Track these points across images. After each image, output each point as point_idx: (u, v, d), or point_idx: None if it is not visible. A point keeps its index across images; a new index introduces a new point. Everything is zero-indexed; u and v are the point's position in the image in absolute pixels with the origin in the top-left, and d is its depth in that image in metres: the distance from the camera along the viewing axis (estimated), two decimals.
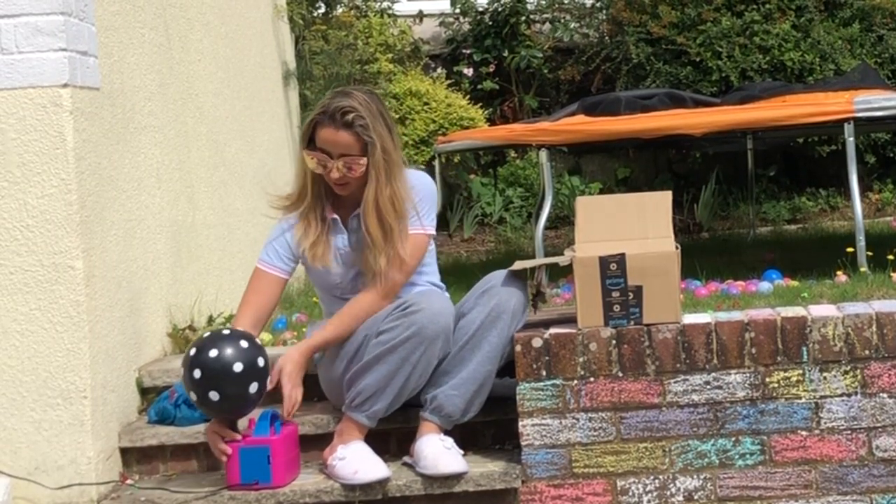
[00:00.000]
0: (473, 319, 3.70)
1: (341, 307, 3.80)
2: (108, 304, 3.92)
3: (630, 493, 3.66)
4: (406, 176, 3.79)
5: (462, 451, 3.73)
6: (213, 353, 3.57)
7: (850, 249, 5.05)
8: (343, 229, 3.83)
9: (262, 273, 3.84)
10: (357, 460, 3.65)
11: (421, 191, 3.81)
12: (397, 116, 7.53)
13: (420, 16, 8.47)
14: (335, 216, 3.83)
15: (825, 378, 3.64)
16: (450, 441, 3.72)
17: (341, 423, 3.75)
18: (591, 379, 3.66)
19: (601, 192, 7.98)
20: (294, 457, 3.75)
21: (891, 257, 4.89)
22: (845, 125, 5.02)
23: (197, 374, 3.56)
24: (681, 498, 3.66)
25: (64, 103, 3.72)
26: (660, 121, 5.41)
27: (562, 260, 3.80)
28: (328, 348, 3.80)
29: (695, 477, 3.66)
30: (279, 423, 3.68)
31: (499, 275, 3.77)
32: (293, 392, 3.69)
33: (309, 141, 3.75)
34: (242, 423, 3.73)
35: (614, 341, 3.65)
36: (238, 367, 3.56)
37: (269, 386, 3.66)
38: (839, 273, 4.82)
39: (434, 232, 3.86)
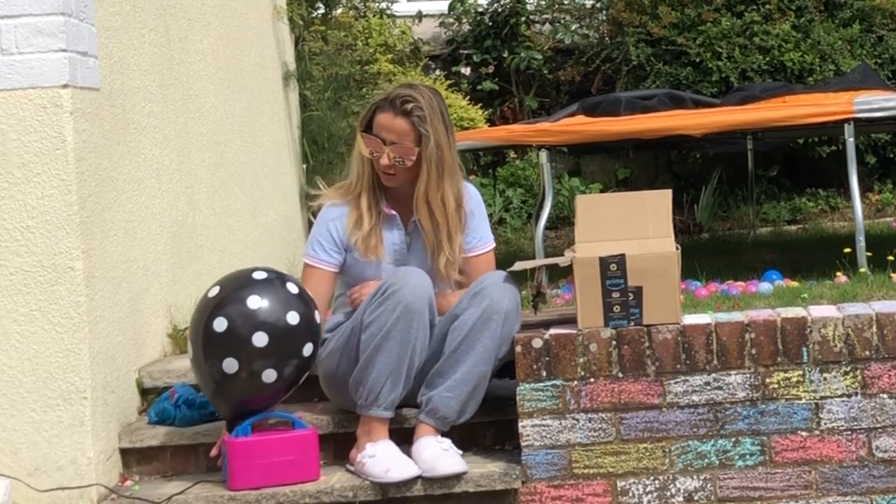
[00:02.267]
0: (466, 321, 3.70)
1: None
2: (108, 304, 3.92)
3: (630, 494, 3.66)
4: (461, 181, 3.85)
5: (461, 452, 3.73)
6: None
7: (849, 250, 5.05)
8: (401, 226, 3.87)
9: (310, 268, 3.89)
10: (388, 458, 3.65)
11: (477, 212, 3.92)
12: None
13: (419, 16, 8.47)
14: (393, 212, 3.86)
15: (825, 379, 3.64)
16: (447, 442, 3.71)
17: (362, 423, 3.74)
18: (592, 380, 3.66)
19: (601, 192, 7.98)
20: (272, 464, 3.68)
21: (891, 258, 4.88)
22: (845, 126, 5.01)
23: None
24: (681, 498, 3.66)
25: (64, 104, 3.72)
26: (660, 121, 5.41)
27: (562, 261, 3.80)
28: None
29: (695, 477, 3.66)
30: (243, 427, 3.67)
31: (491, 276, 3.77)
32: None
33: (367, 127, 3.80)
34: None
35: (614, 342, 3.65)
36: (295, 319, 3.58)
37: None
38: (839, 274, 4.81)
39: (493, 244, 3.98)
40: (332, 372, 3.84)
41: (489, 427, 3.94)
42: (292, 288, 3.66)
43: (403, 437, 3.80)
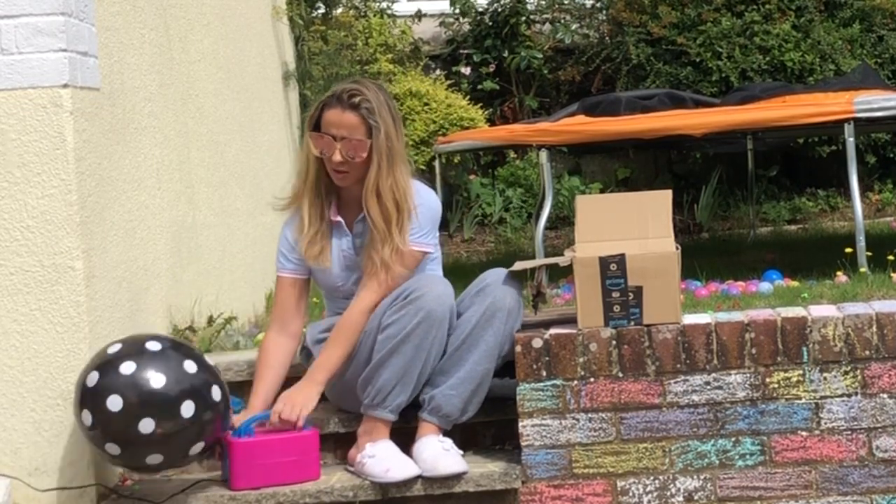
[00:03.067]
0: (469, 318, 3.70)
1: (345, 305, 3.80)
2: (108, 304, 3.92)
3: (630, 494, 3.66)
4: (409, 173, 3.80)
5: (462, 452, 3.73)
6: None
7: (849, 250, 5.05)
8: (348, 232, 3.84)
9: (279, 278, 3.90)
10: (388, 458, 3.65)
11: (425, 210, 3.80)
12: None
13: (419, 15, 8.46)
14: (339, 219, 3.83)
15: (825, 378, 3.64)
16: (448, 442, 3.71)
17: (364, 423, 3.74)
18: (592, 379, 3.66)
19: (601, 192, 7.98)
20: (275, 465, 3.68)
21: (891, 258, 4.89)
22: (845, 125, 5.01)
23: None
24: (681, 498, 3.66)
25: (64, 104, 3.72)
26: (660, 121, 5.41)
27: (562, 260, 3.80)
28: (332, 375, 3.77)
29: (695, 477, 3.66)
30: (245, 427, 3.67)
31: (493, 273, 3.77)
32: (300, 416, 3.71)
33: (315, 126, 3.78)
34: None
35: (614, 342, 3.65)
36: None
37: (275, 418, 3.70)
38: (839, 273, 4.82)
39: (432, 250, 3.84)
40: (337, 375, 3.84)
41: (489, 427, 3.94)
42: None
43: (404, 437, 3.80)
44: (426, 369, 3.68)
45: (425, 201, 3.82)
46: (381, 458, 3.65)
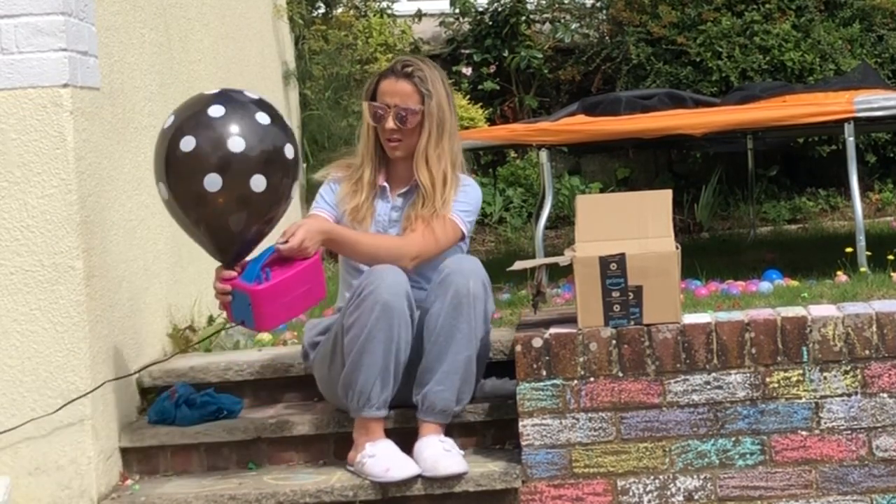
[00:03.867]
0: (437, 313, 3.70)
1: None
2: (108, 304, 3.92)
3: (630, 493, 3.66)
4: (460, 150, 3.92)
5: (462, 452, 3.74)
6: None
7: (849, 249, 5.05)
8: (389, 199, 3.90)
9: (313, 216, 3.91)
10: (387, 458, 3.66)
11: (472, 190, 3.91)
12: None
13: (419, 15, 8.46)
14: (385, 184, 3.91)
15: (825, 378, 3.64)
16: (450, 442, 3.71)
17: (358, 426, 3.74)
18: (592, 379, 3.66)
19: (601, 192, 7.97)
20: (292, 299, 3.62)
21: (891, 257, 4.88)
22: (845, 125, 5.01)
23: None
24: (681, 498, 3.66)
25: (64, 103, 3.72)
26: (660, 121, 5.41)
27: (562, 260, 3.81)
28: (337, 243, 3.79)
29: (695, 477, 3.66)
30: (266, 268, 3.61)
31: (452, 261, 3.76)
32: (299, 236, 3.64)
33: (371, 98, 3.89)
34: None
35: (614, 341, 3.65)
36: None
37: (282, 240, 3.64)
38: (839, 273, 4.81)
39: (467, 230, 3.91)
40: (325, 375, 3.85)
41: (489, 426, 3.94)
42: (250, 94, 3.68)
43: (405, 437, 3.80)
44: (400, 358, 3.68)
45: (472, 185, 3.93)
46: (381, 458, 3.65)
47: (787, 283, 4.84)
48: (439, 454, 3.66)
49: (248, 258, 3.66)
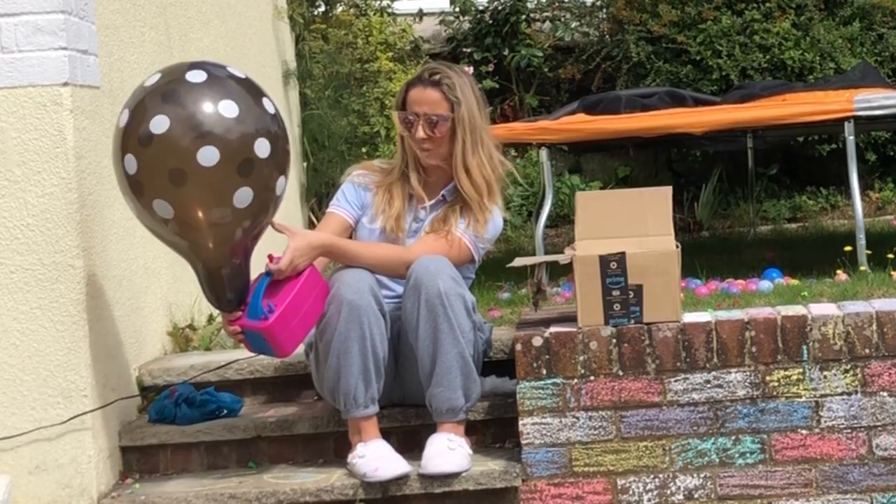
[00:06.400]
0: (412, 318, 3.69)
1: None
2: (108, 302, 3.92)
3: (630, 492, 3.66)
4: (499, 158, 3.90)
5: (471, 452, 3.73)
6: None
7: (849, 248, 5.04)
8: (414, 209, 3.91)
9: (330, 214, 3.92)
10: (377, 457, 3.65)
11: (490, 221, 3.87)
12: None
13: (420, 14, 8.46)
14: (416, 193, 3.90)
15: (825, 377, 3.64)
16: (458, 441, 3.70)
17: (351, 428, 3.75)
18: (592, 378, 3.66)
19: (601, 190, 7.97)
20: (303, 316, 3.62)
21: (891, 256, 4.88)
22: (845, 124, 5.01)
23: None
24: (681, 497, 3.66)
25: (64, 102, 3.72)
26: (660, 119, 5.41)
27: (562, 258, 3.80)
28: (336, 256, 3.78)
29: (695, 476, 3.66)
30: (267, 301, 3.60)
31: (418, 264, 3.72)
32: (286, 259, 3.62)
33: (402, 107, 3.87)
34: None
35: (614, 340, 3.65)
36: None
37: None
38: (839, 272, 4.81)
39: (478, 259, 3.90)
40: (319, 378, 3.85)
41: (489, 425, 3.94)
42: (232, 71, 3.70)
43: (406, 437, 3.81)
44: (378, 354, 3.67)
45: (497, 215, 3.90)
46: (370, 458, 3.65)
47: (787, 281, 4.84)
48: (437, 451, 3.66)
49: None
